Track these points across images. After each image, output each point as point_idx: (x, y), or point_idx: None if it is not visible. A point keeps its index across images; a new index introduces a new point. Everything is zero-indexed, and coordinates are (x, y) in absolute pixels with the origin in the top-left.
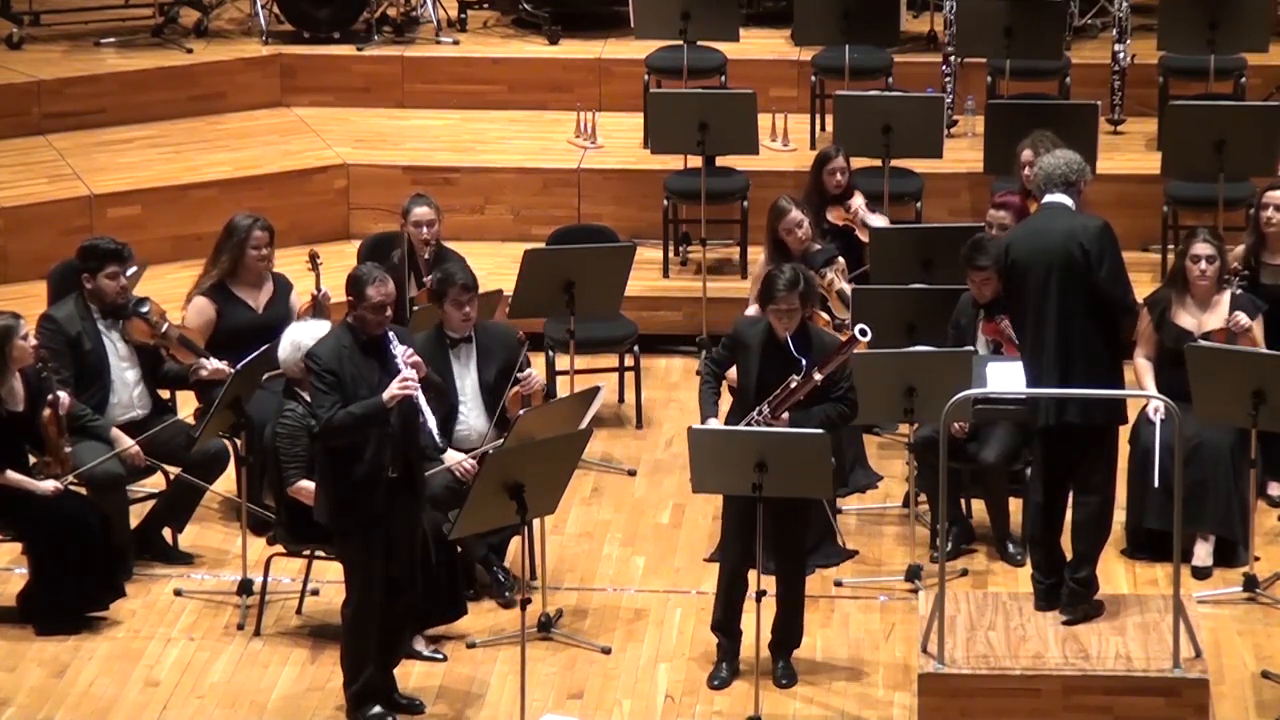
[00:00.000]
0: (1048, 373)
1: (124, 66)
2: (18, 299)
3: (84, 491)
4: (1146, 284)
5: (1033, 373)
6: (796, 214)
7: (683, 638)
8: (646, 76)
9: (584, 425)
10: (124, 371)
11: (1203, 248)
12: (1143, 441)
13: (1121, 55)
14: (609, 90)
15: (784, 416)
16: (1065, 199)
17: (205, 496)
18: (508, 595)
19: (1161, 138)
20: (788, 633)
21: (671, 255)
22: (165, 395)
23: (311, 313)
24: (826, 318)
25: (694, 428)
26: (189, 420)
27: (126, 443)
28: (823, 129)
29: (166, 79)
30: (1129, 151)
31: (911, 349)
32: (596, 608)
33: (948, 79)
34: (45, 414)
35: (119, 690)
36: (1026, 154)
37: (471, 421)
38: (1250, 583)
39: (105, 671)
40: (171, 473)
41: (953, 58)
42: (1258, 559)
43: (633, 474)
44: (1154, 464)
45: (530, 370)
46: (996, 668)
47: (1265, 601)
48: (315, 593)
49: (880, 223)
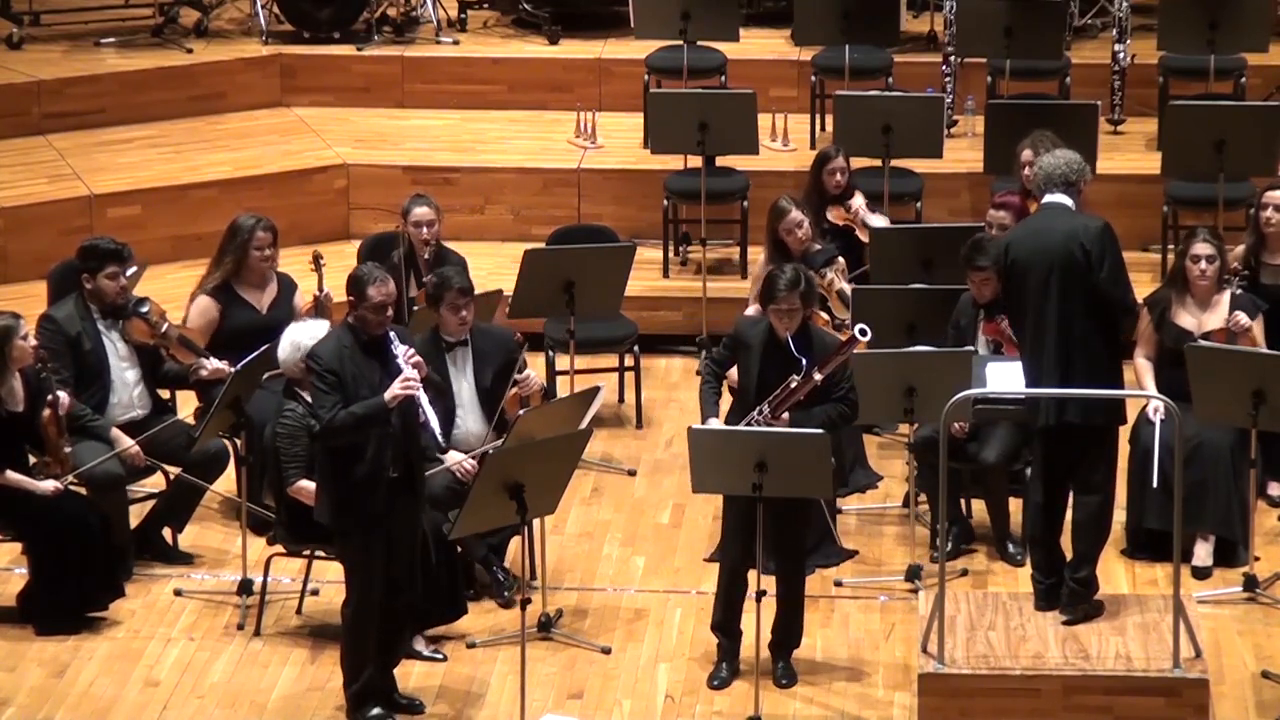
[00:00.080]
0: (1048, 373)
1: (124, 66)
2: (18, 299)
3: (84, 491)
4: (1146, 284)
5: (1032, 373)
6: (797, 214)
7: (683, 638)
8: (646, 76)
9: (584, 425)
10: (124, 371)
11: (1203, 248)
12: (1143, 441)
13: (1121, 55)
14: (609, 90)
15: (784, 416)
16: (1065, 199)
17: (205, 496)
18: (506, 595)
19: (1161, 138)
20: (788, 633)
21: (671, 255)
22: (165, 395)
23: (314, 313)
24: (826, 318)
25: (694, 428)
26: (189, 420)
27: (126, 443)
28: (823, 129)
29: (166, 79)
30: (1129, 151)
31: (911, 349)
32: (596, 608)
33: (948, 79)
34: (45, 414)
35: (119, 690)
36: (1026, 154)
37: (469, 425)
38: (1250, 583)
39: (105, 671)
40: (171, 473)
41: (953, 58)
42: (1258, 559)
43: (633, 474)
44: (1154, 464)
45: (528, 372)
46: (996, 668)
47: (1265, 601)
48: (315, 593)
49: (880, 223)
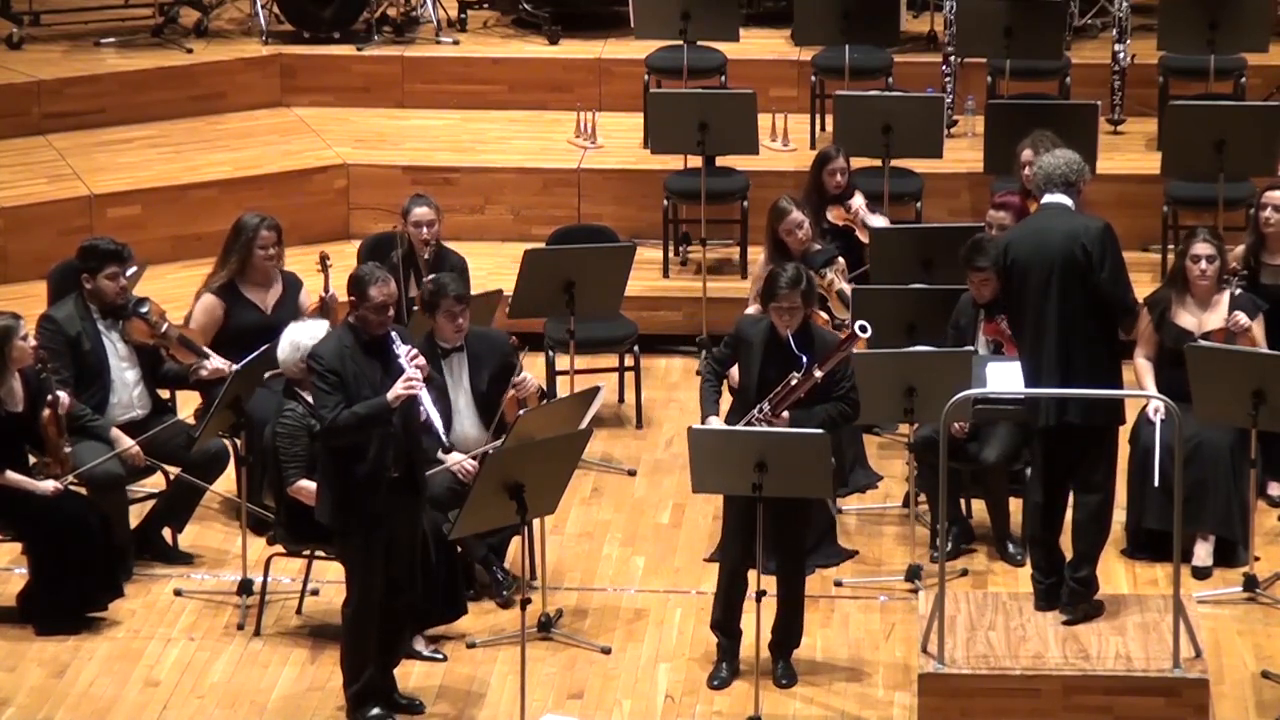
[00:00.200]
0: (1048, 373)
1: (124, 66)
2: (18, 299)
3: (84, 491)
4: (1146, 284)
5: (1032, 373)
6: (797, 215)
7: (683, 638)
8: (646, 76)
9: (584, 425)
10: (124, 371)
11: (1203, 248)
12: (1143, 441)
13: (1121, 55)
14: (609, 90)
15: (784, 415)
16: (1065, 199)
17: (205, 496)
18: (505, 595)
19: (1161, 138)
20: (788, 633)
21: (671, 255)
22: (165, 395)
23: (319, 314)
24: (826, 317)
25: (694, 428)
26: (189, 420)
27: (126, 443)
28: (823, 129)
29: (166, 79)
30: (1129, 151)
31: (911, 349)
32: (596, 608)
33: (948, 79)
34: (45, 414)
35: (119, 690)
36: (1026, 154)
37: (466, 430)
38: (1250, 583)
39: (105, 671)
40: (171, 473)
41: (953, 58)
42: (1258, 559)
43: (633, 474)
44: (1154, 464)
45: (524, 375)
46: (996, 668)
47: (1265, 601)
48: (315, 593)
49: (880, 223)
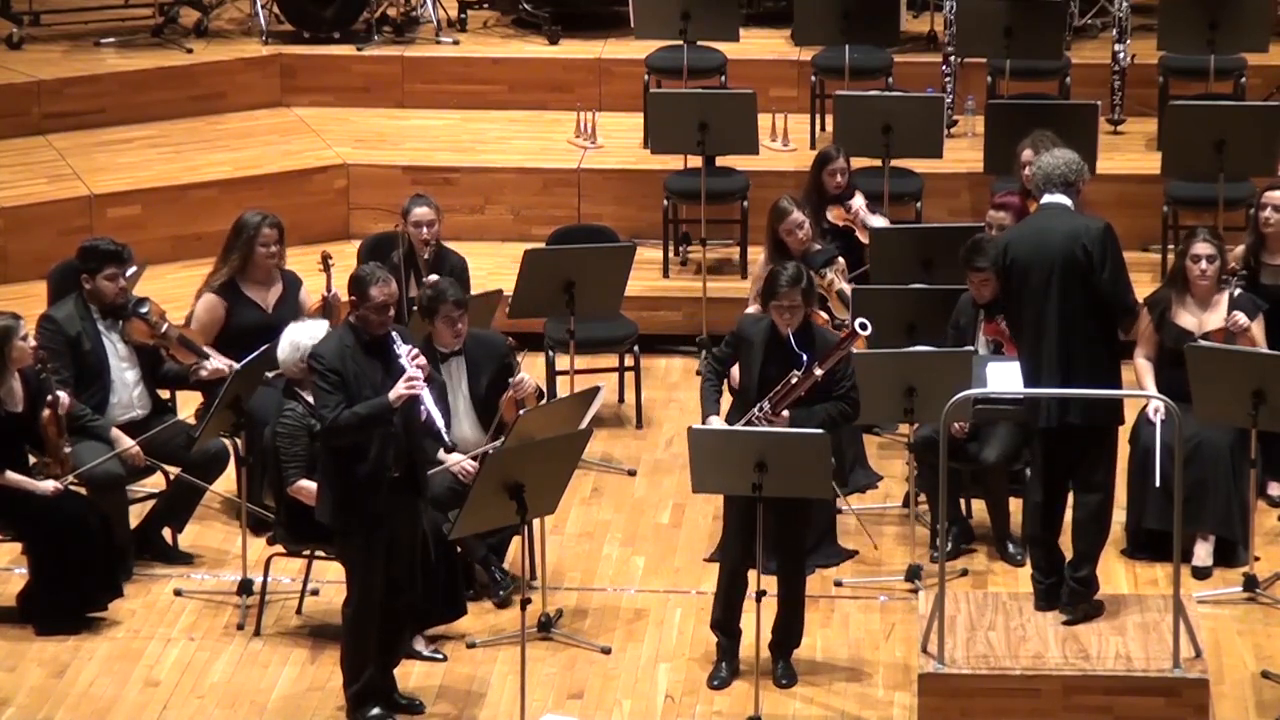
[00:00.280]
0: (1049, 373)
1: (124, 66)
2: (18, 299)
3: (84, 491)
4: (1146, 284)
5: (1032, 373)
6: (798, 215)
7: (683, 638)
8: (646, 76)
9: (584, 425)
10: (124, 372)
11: (1203, 247)
12: (1143, 441)
13: (1121, 55)
14: (609, 90)
15: (785, 413)
16: (1064, 199)
17: (205, 496)
18: (501, 595)
19: (1161, 138)
20: (788, 633)
21: (671, 255)
22: (165, 395)
23: (321, 314)
24: (826, 317)
25: (694, 427)
26: (189, 420)
27: (126, 443)
28: (823, 129)
29: (166, 79)
30: (1129, 151)
31: (911, 349)
32: (596, 608)
33: (948, 79)
34: (45, 414)
35: (119, 690)
36: (1027, 154)
37: (465, 433)
38: (1250, 583)
39: (105, 671)
40: (171, 473)
41: (953, 58)
42: (1258, 559)
43: (633, 474)
44: (1154, 464)
45: (522, 375)
46: (996, 668)
47: (1265, 601)
48: (315, 593)
49: (880, 223)
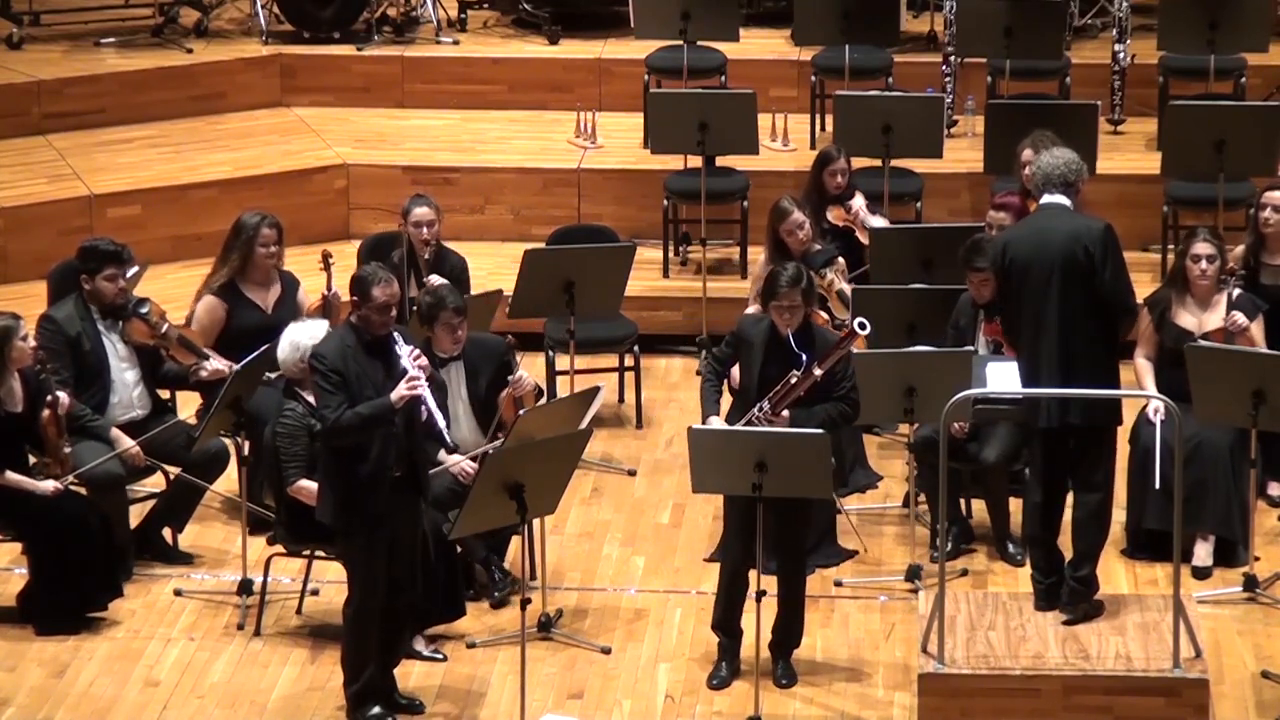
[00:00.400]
0: (1049, 373)
1: (124, 66)
2: (18, 299)
3: (84, 491)
4: (1146, 284)
5: (1031, 373)
6: (799, 215)
7: (683, 638)
8: (646, 76)
9: (584, 425)
10: (124, 372)
11: (1203, 247)
12: (1143, 442)
13: (1121, 55)
14: (609, 90)
15: (785, 413)
16: (1064, 199)
17: (205, 496)
18: (497, 596)
19: (1161, 138)
20: (788, 633)
21: (671, 255)
22: (165, 395)
23: (321, 313)
24: (826, 317)
25: (694, 427)
26: (189, 420)
27: (127, 443)
28: (823, 129)
29: (166, 79)
30: (1129, 151)
31: (911, 349)
32: (596, 608)
33: (948, 79)
34: (44, 414)
35: (119, 690)
36: (1027, 154)
37: (465, 437)
38: (1250, 583)
39: (105, 671)
40: (171, 473)
41: (953, 58)
42: (1258, 559)
43: (633, 474)
44: (1154, 464)
45: (520, 373)
46: (996, 668)
47: (1265, 601)
48: (315, 593)
49: (880, 224)
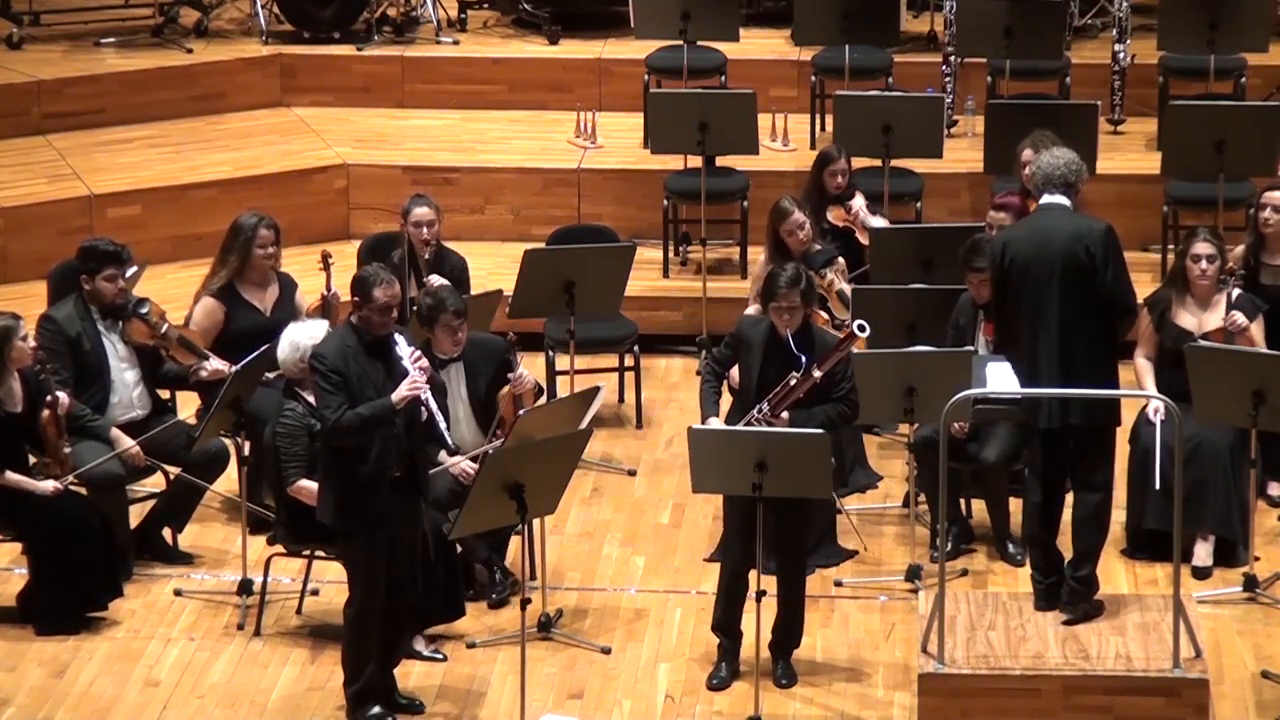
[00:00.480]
0: (1049, 374)
1: (124, 66)
2: (18, 299)
3: (84, 491)
4: (1146, 284)
5: (1031, 373)
6: (799, 215)
7: (683, 638)
8: (646, 76)
9: (584, 425)
10: (124, 372)
11: (1203, 247)
12: (1143, 442)
13: (1121, 55)
14: (609, 90)
15: (784, 415)
16: (1063, 200)
17: (205, 496)
18: (495, 596)
19: (1161, 138)
20: (788, 633)
21: (671, 255)
22: (165, 395)
23: (320, 313)
24: (826, 317)
25: (694, 427)
26: (189, 420)
27: (127, 443)
28: (823, 129)
29: (166, 79)
30: (1129, 151)
31: (911, 349)
32: (596, 608)
33: (948, 79)
34: (44, 415)
35: (119, 690)
36: (1027, 154)
37: (465, 437)
38: (1250, 583)
39: (105, 671)
40: (171, 473)
41: (953, 58)
42: (1258, 559)
43: (633, 474)
44: (1154, 464)
45: (520, 370)
46: (996, 668)
47: (1265, 601)
48: (315, 593)
49: (880, 224)
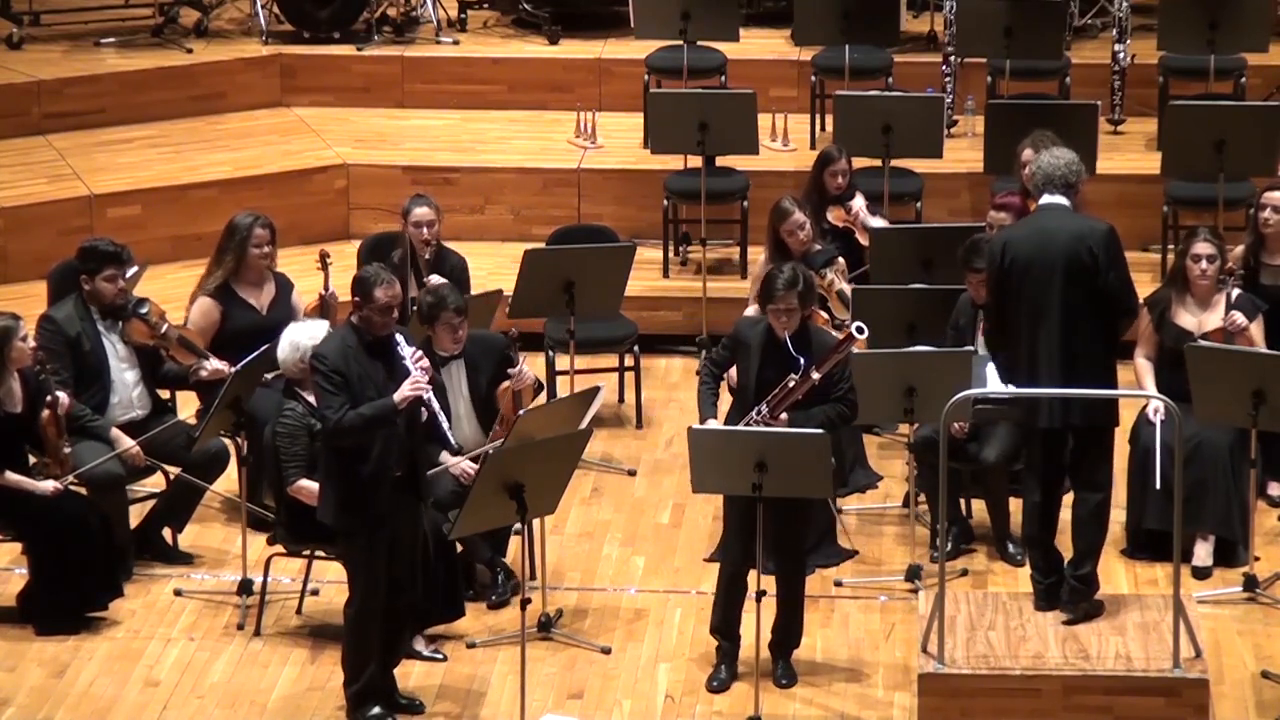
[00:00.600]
0: (1049, 374)
1: (124, 66)
2: (18, 299)
3: (84, 491)
4: (1146, 284)
5: (1030, 373)
6: (799, 215)
7: (683, 638)
8: (646, 76)
9: (584, 425)
10: (124, 372)
11: (1203, 247)
12: (1143, 442)
13: (1121, 55)
14: (609, 90)
15: (783, 416)
16: (1063, 200)
17: (205, 496)
18: (494, 598)
19: (1161, 138)
20: (787, 633)
21: (671, 255)
22: (165, 395)
23: (318, 313)
24: (826, 317)
25: (694, 428)
26: (189, 420)
27: (127, 443)
28: (823, 129)
29: (166, 79)
30: (1129, 151)
31: (911, 349)
32: (596, 608)
33: (948, 79)
34: (44, 415)
35: (119, 690)
36: (1027, 154)
37: (466, 435)
38: (1250, 583)
39: (105, 671)
40: (171, 473)
41: (953, 58)
42: (1258, 559)
43: (633, 474)
44: (1154, 464)
45: (520, 366)
46: (996, 668)
47: (1265, 601)
48: (315, 593)
49: (880, 224)
